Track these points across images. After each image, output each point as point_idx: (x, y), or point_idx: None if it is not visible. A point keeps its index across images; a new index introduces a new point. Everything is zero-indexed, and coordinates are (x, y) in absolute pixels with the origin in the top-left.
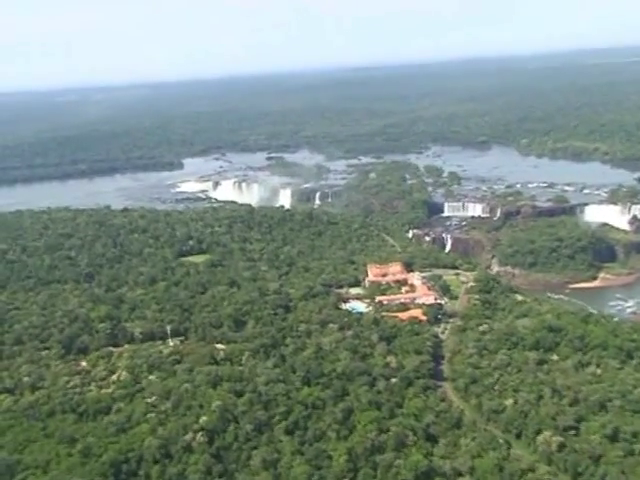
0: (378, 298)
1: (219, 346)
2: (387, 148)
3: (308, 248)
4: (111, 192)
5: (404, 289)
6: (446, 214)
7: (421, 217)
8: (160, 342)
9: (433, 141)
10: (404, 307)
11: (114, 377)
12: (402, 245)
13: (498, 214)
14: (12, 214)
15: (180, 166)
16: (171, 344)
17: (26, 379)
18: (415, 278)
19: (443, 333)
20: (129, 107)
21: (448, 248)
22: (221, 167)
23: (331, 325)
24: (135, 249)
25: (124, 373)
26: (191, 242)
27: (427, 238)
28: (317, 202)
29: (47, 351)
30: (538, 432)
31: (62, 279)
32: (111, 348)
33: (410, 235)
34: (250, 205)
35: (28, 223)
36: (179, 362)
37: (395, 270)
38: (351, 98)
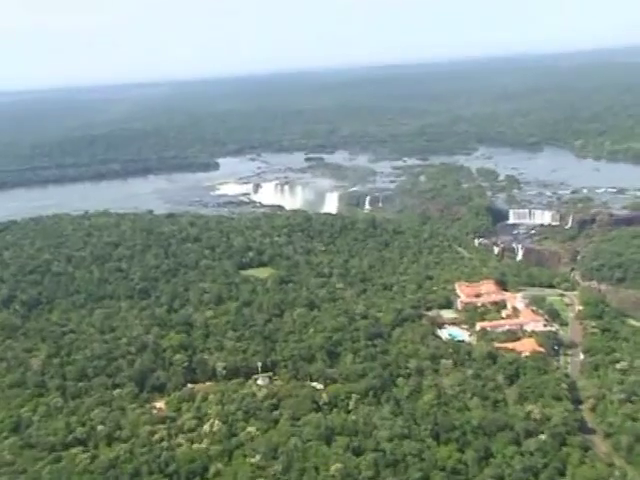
0: (480, 324)
1: (316, 385)
2: (431, 149)
3: (377, 261)
4: (148, 194)
5: (504, 312)
6: (511, 221)
7: (486, 225)
8: (246, 379)
9: (478, 142)
10: (513, 336)
11: (205, 427)
12: (481, 258)
13: (570, 222)
14: (50, 219)
15: (216, 167)
16: (260, 382)
17: (100, 427)
18: (517, 300)
19: (566, 369)
20: (154, 105)
21: (519, 259)
22: (259, 168)
23: (444, 361)
24: (190, 261)
25: (217, 422)
26: (250, 253)
27: (496, 248)
28: (367, 207)
29: (118, 390)
30: None
31: (114, 295)
32: (190, 385)
33: (476, 244)
34: (305, 211)
35: (69, 229)
36: (276, 407)
37: (489, 289)
38: (382, 96)
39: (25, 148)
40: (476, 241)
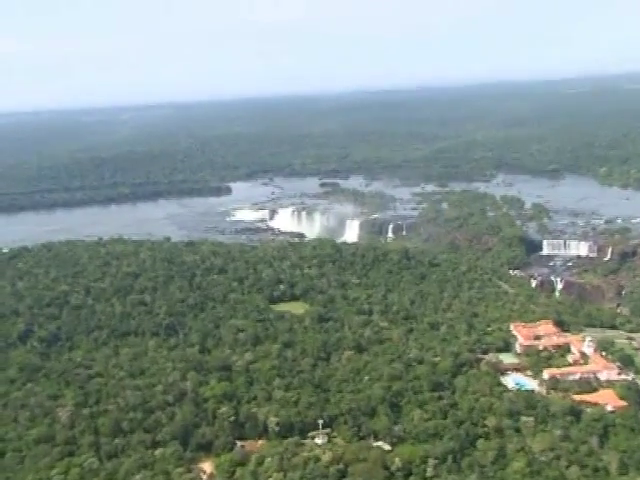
0: (548, 372)
1: (383, 445)
2: (448, 175)
3: (417, 296)
4: (160, 220)
5: (571, 358)
6: (545, 252)
7: (520, 256)
8: (302, 436)
9: (495, 168)
10: (588, 386)
11: None
12: (526, 294)
13: (609, 254)
14: (64, 245)
15: (228, 191)
16: (318, 441)
17: None
18: (586, 344)
19: None
20: (158, 128)
21: (557, 294)
22: (273, 193)
23: (524, 418)
24: (217, 294)
25: None
26: (281, 286)
27: (533, 281)
28: (390, 235)
29: (160, 449)
30: None
31: (139, 331)
32: (239, 443)
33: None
34: (332, 241)
35: (85, 257)
36: (344, 474)
37: (548, 331)
38: (390, 121)
39: (31, 170)
40: (510, 273)
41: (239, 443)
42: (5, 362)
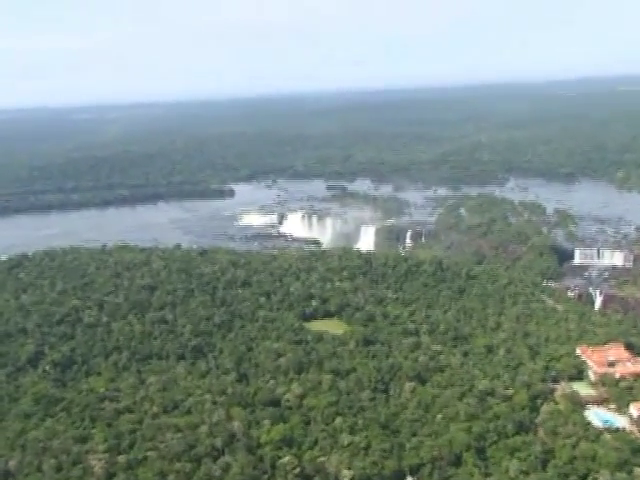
0: (635, 406)
1: None
2: (458, 178)
3: (459, 312)
4: (164, 224)
5: None
6: (577, 262)
7: (553, 267)
8: None
9: (506, 171)
10: None
11: None
12: (576, 310)
13: None
14: (67, 253)
15: (231, 194)
16: None
17: None
18: None
19: None
20: (152, 126)
21: (597, 307)
22: (278, 196)
23: (637, 469)
24: (245, 311)
25: None
26: (314, 302)
27: (570, 294)
28: (408, 242)
29: None
30: None
31: (162, 353)
32: None
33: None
34: (359, 250)
35: (92, 267)
36: None
37: (620, 355)
38: (389, 122)
39: (23, 170)
40: (548, 285)
41: None
42: (16, 391)
